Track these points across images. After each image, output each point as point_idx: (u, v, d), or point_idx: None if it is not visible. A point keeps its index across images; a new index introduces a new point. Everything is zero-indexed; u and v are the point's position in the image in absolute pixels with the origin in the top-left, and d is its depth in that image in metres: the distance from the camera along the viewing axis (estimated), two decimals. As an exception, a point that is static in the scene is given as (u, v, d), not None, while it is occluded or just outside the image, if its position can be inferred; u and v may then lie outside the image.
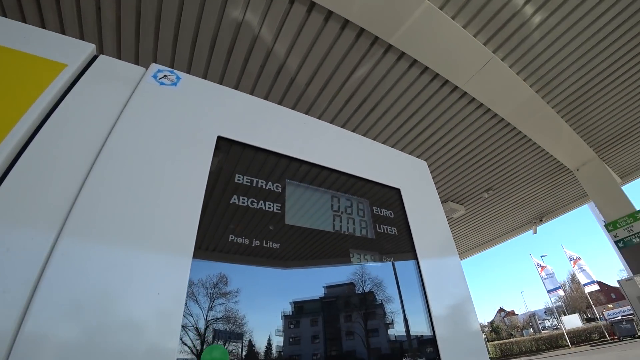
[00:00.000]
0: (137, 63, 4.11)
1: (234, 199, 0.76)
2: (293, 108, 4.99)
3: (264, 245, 0.74)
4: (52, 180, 0.59)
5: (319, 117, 5.16)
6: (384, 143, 5.50)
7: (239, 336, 0.67)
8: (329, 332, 0.82)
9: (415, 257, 0.98)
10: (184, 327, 0.61)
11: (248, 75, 4.45)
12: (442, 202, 7.61)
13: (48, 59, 0.70)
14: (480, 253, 12.34)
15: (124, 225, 0.60)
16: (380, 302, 0.91)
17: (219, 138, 0.81)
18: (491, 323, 57.70)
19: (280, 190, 0.85)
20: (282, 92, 4.72)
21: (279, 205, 0.83)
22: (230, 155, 0.83)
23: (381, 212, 1.03)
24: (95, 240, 0.57)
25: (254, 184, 0.81)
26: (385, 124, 5.39)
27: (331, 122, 5.26)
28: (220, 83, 4.58)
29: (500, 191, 7.76)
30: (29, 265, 0.53)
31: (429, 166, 5.38)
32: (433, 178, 5.92)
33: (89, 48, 0.77)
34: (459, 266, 1.12)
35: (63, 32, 3.69)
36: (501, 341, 34.48)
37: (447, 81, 4.72)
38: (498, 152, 6.32)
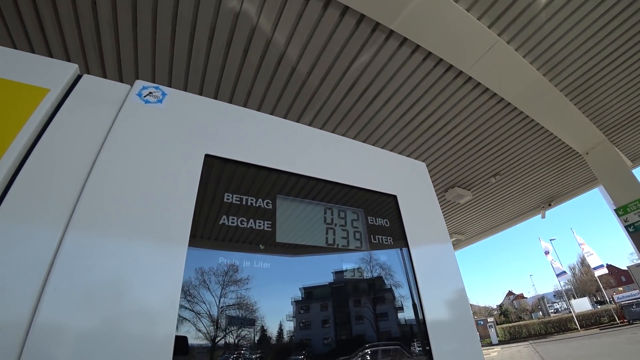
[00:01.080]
0: (136, 56, 4.09)
1: (224, 220, 0.75)
2: (295, 98, 4.96)
3: (255, 265, 0.73)
4: (36, 212, 0.59)
5: (322, 107, 5.10)
6: (387, 131, 5.45)
7: (250, 322, 0.70)
8: (338, 316, 0.84)
9: (413, 270, 0.97)
10: (197, 313, 0.62)
11: (249, 65, 4.39)
12: (449, 188, 7.57)
13: (30, 84, 0.68)
14: (488, 237, 12.31)
15: (110, 259, 0.60)
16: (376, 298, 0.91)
17: (207, 156, 0.79)
18: (500, 306, 58.08)
19: (270, 206, 0.83)
20: (284, 81, 4.66)
21: (270, 223, 0.81)
22: (219, 173, 0.81)
23: (376, 222, 1.01)
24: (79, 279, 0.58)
25: (244, 202, 0.80)
26: (389, 111, 5.32)
27: (334, 111, 5.20)
28: (221, 75, 4.53)
29: (508, 176, 7.67)
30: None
31: (434, 153, 5.24)
32: (439, 165, 5.80)
33: (72, 69, 0.75)
34: (457, 269, 1.10)
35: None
36: (510, 324, 34.77)
37: (451, 66, 4.61)
38: (505, 136, 6.21)
